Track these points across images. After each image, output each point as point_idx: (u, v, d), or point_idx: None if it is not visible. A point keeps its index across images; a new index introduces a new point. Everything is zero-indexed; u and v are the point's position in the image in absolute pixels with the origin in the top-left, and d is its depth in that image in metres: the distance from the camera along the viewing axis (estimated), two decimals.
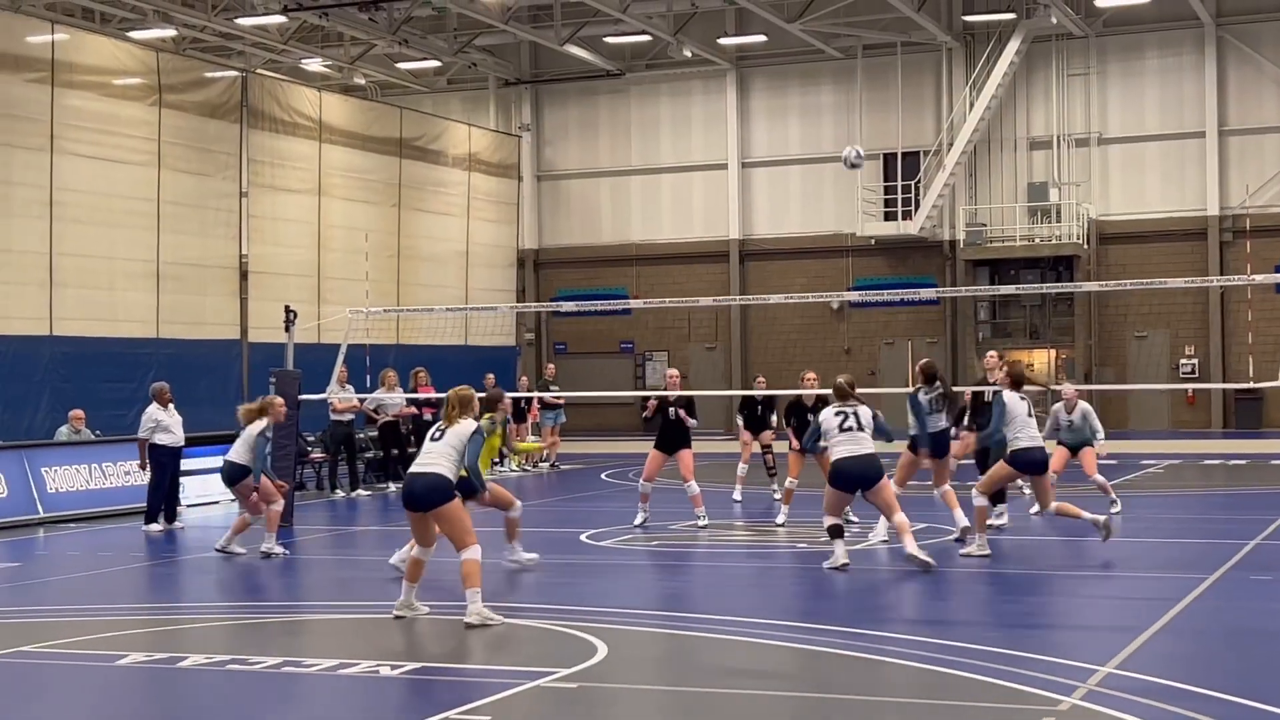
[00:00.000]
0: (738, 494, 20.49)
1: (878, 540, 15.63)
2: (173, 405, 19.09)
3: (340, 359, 20.78)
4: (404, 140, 35.52)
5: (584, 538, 16.94)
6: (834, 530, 13.94)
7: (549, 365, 33.04)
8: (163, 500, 19.00)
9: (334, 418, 23.44)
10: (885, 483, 13.96)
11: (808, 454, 16.18)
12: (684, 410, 17.50)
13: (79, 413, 21.83)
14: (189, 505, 20.98)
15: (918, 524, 16.68)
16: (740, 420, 21.07)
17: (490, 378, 26.12)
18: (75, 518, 20.17)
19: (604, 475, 26.30)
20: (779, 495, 18.67)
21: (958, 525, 15.32)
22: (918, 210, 37.61)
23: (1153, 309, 37.00)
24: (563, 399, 28.66)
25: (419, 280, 35.19)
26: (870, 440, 13.93)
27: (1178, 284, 29.79)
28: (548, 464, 28.29)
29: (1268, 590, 12.69)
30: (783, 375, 31.08)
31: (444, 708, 8.55)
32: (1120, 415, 35.87)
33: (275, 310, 22.70)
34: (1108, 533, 14.32)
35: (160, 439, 18.83)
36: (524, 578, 13.92)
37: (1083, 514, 14.40)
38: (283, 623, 12.18)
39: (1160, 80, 37.17)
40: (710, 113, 40.64)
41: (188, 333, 28.65)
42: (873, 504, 14.22)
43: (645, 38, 38.24)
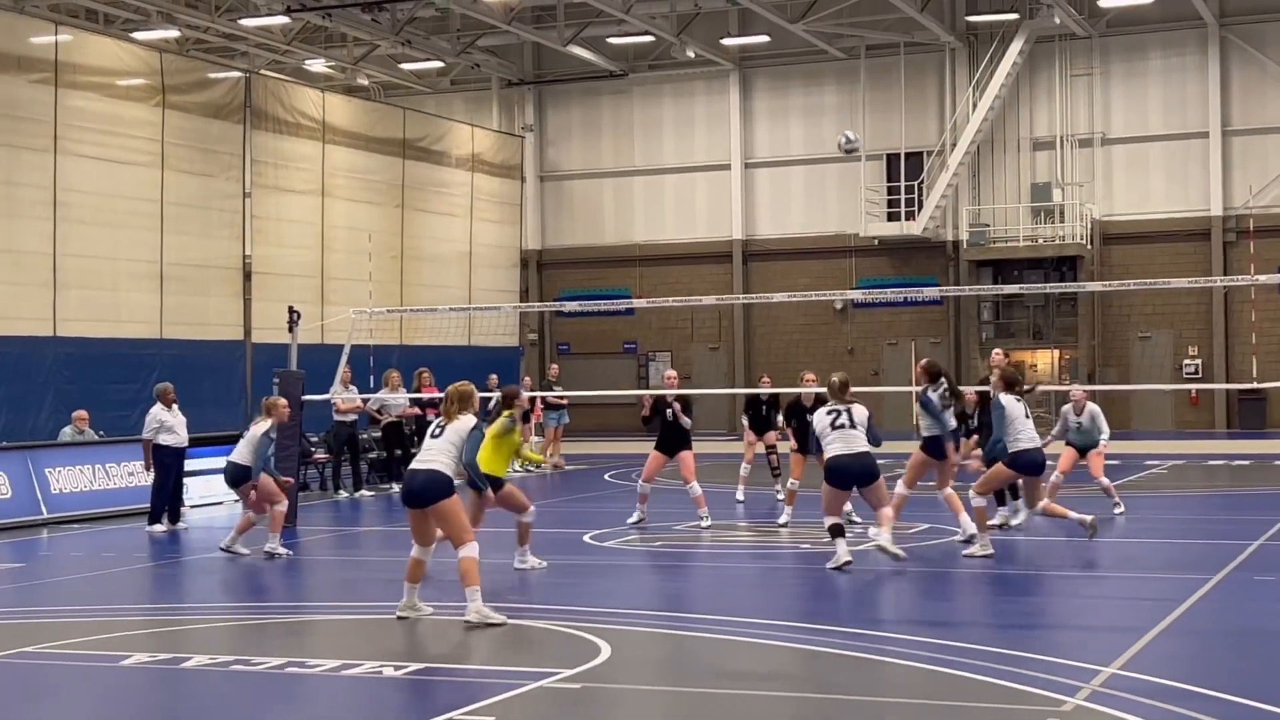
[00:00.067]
0: (740, 494, 20.48)
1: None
2: (177, 406, 19.10)
3: (344, 359, 20.77)
4: (407, 141, 35.51)
5: (587, 538, 16.93)
6: (834, 530, 13.93)
7: (553, 365, 32.99)
8: (166, 501, 19.01)
9: (337, 418, 23.45)
10: (881, 480, 13.96)
11: (810, 455, 16.15)
12: (679, 408, 17.48)
13: (83, 413, 21.81)
14: (193, 506, 21.00)
15: (919, 524, 16.74)
16: (745, 420, 21.06)
17: (494, 378, 26.14)
18: (79, 518, 20.17)
19: (607, 476, 26.28)
20: (782, 496, 18.66)
21: (964, 531, 15.03)
22: (921, 210, 37.57)
23: (1156, 309, 36.97)
24: (566, 399, 28.66)
25: (422, 281, 35.17)
26: (864, 438, 13.93)
27: (1181, 284, 29.64)
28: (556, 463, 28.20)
29: (1271, 591, 12.68)
30: (786, 376, 31.01)
31: (447, 708, 8.56)
32: (1123, 416, 35.81)
33: (279, 311, 22.73)
34: (1094, 531, 14.37)
35: (164, 439, 18.84)
36: (528, 578, 13.93)
37: (1069, 514, 14.46)
38: (286, 623, 12.19)
39: (1163, 80, 37.15)
40: (713, 113, 40.62)
41: (191, 333, 28.63)
42: (866, 501, 14.22)
43: (648, 38, 38.24)
